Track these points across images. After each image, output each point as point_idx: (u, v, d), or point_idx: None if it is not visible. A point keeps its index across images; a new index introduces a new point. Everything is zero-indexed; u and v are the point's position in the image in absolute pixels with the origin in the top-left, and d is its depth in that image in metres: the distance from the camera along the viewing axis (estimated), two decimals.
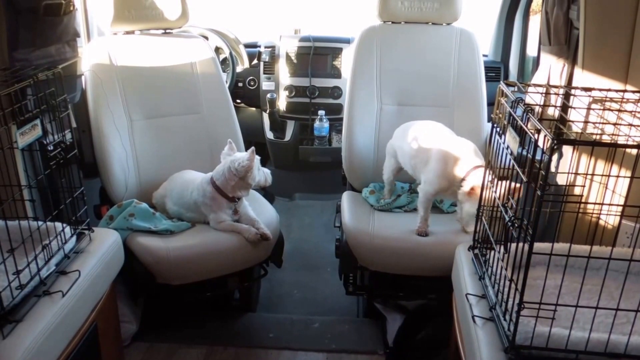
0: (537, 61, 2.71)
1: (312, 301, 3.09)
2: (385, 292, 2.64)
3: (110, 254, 2.02)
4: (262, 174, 2.47)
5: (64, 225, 1.90)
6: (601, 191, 1.98)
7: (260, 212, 2.55)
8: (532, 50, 3.47)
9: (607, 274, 1.52)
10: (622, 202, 1.87)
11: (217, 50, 3.62)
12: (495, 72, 3.61)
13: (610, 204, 1.85)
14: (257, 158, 2.42)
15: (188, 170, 2.66)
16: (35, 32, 2.21)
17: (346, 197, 2.71)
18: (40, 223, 1.83)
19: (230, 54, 3.63)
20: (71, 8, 2.38)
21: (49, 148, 1.89)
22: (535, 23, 2.90)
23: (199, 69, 2.88)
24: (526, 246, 1.38)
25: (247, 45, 3.84)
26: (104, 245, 2.01)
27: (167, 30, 2.91)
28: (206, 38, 3.40)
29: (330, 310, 2.98)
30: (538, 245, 1.43)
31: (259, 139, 3.86)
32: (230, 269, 2.42)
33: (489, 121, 2.78)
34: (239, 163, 2.36)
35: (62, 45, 2.39)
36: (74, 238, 1.94)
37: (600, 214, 1.93)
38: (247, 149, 2.53)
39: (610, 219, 1.94)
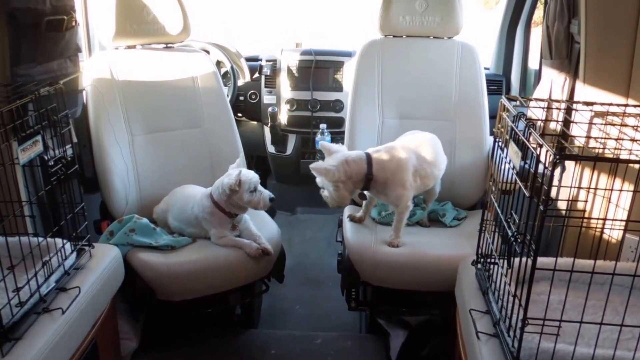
0: (538, 74, 2.71)
1: (315, 317, 3.07)
2: (388, 308, 2.62)
3: (110, 270, 2.00)
4: (258, 196, 2.38)
5: (64, 241, 1.90)
6: (604, 205, 1.97)
7: (262, 227, 2.54)
8: (533, 63, 3.47)
9: (612, 288, 1.50)
10: (625, 216, 1.87)
11: (219, 64, 3.62)
12: (497, 85, 3.61)
13: (613, 219, 1.84)
14: (254, 179, 2.38)
15: (189, 184, 2.65)
16: (38, 48, 2.22)
17: (348, 211, 2.70)
18: (40, 239, 1.82)
19: (232, 67, 3.64)
20: (73, 23, 2.38)
21: (50, 163, 1.89)
22: (537, 35, 2.91)
23: (200, 83, 2.88)
24: (529, 261, 1.37)
25: (248, 59, 3.84)
26: (104, 261, 2.00)
27: (169, 45, 2.91)
28: (207, 52, 3.41)
29: (332, 326, 2.96)
30: (541, 260, 1.43)
31: (260, 153, 3.85)
32: (231, 284, 2.41)
33: (491, 134, 2.77)
34: (227, 182, 2.35)
35: (64, 60, 2.39)
36: (74, 254, 1.93)
37: (603, 228, 1.92)
38: (248, 163, 2.52)
39: (614, 233, 1.93)
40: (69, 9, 2.35)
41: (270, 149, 3.78)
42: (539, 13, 3.46)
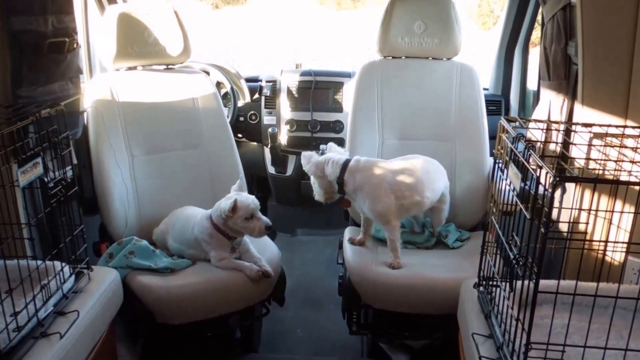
0: (537, 95, 2.72)
1: (316, 340, 3.03)
2: (390, 331, 2.59)
3: (109, 294, 1.99)
4: (253, 224, 2.35)
5: (63, 264, 1.89)
6: (606, 226, 1.96)
7: (262, 249, 2.52)
8: (532, 83, 3.49)
9: (615, 311, 1.49)
10: (627, 237, 1.86)
11: (219, 85, 3.64)
12: (496, 105, 3.63)
13: (615, 242, 1.84)
14: (251, 206, 2.35)
15: (189, 206, 2.65)
16: (39, 70, 2.23)
17: (348, 233, 2.69)
18: (39, 262, 1.81)
19: (232, 88, 3.65)
20: (74, 45, 2.40)
21: (50, 185, 1.88)
22: (535, 55, 2.93)
23: (201, 104, 2.89)
24: (532, 284, 1.36)
25: (248, 80, 3.86)
26: (103, 284, 1.98)
27: (169, 66, 2.93)
28: (208, 73, 3.42)
29: (334, 350, 2.93)
30: (544, 283, 1.42)
31: (260, 174, 3.85)
32: (231, 307, 2.38)
33: (491, 155, 2.77)
34: (222, 207, 2.34)
35: (65, 82, 2.40)
36: (73, 277, 1.92)
37: (605, 250, 1.91)
38: (249, 183, 2.51)
39: (616, 255, 1.92)
40: (71, 31, 2.36)
41: (271, 169, 3.79)
42: (537, 33, 3.49)
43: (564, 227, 1.92)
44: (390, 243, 2.43)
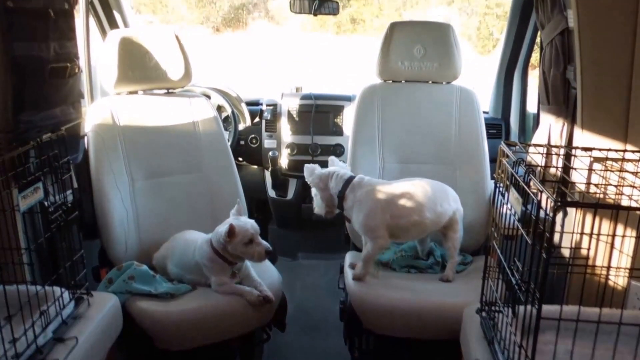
0: (537, 119, 2.73)
1: None
2: (392, 358, 2.56)
3: (108, 319, 1.98)
4: (252, 249, 2.34)
5: (63, 289, 1.87)
6: (608, 251, 1.95)
7: (262, 273, 2.51)
8: (532, 106, 3.51)
9: (619, 337, 1.47)
10: (629, 261, 1.85)
11: (219, 108, 3.66)
12: (496, 129, 3.64)
13: (617, 268, 1.83)
14: (250, 231, 2.33)
15: (189, 230, 2.64)
16: (41, 95, 2.24)
17: (349, 257, 2.67)
18: (38, 288, 1.80)
19: (232, 112, 3.67)
20: (76, 70, 2.41)
21: (50, 210, 1.88)
22: (535, 77, 2.95)
23: (201, 128, 2.90)
24: (534, 310, 1.35)
25: (249, 104, 3.88)
26: (103, 310, 1.97)
27: (170, 90, 2.94)
28: (208, 97, 3.45)
29: None
30: (547, 308, 1.40)
31: (261, 197, 3.85)
32: (231, 333, 2.36)
33: (492, 179, 2.78)
34: (220, 232, 2.34)
35: (67, 106, 2.41)
36: (72, 303, 1.91)
37: (608, 275, 1.90)
38: (249, 207, 2.51)
39: (619, 279, 1.91)
40: (72, 56, 2.38)
41: (271, 193, 3.78)
42: (536, 55, 3.51)
43: (565, 251, 1.91)
44: (364, 253, 2.45)
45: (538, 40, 3.31)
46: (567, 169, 1.84)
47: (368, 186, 2.46)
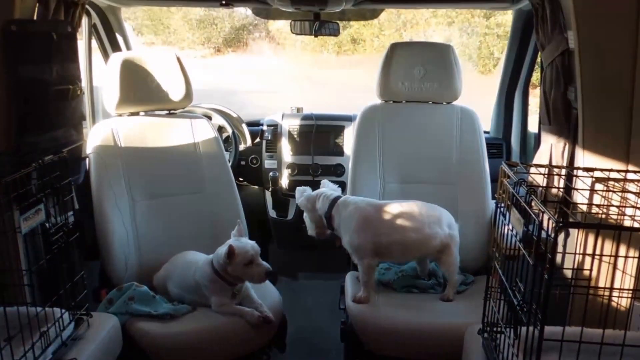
0: (538, 138, 2.74)
1: None
2: None
3: (108, 341, 1.97)
4: (252, 270, 2.33)
5: (63, 311, 1.86)
6: (611, 271, 1.94)
7: (263, 294, 2.50)
8: (533, 126, 3.51)
9: (622, 359, 1.46)
10: (632, 282, 1.84)
11: (220, 129, 3.67)
12: (497, 148, 3.64)
13: (620, 289, 1.82)
14: (250, 253, 2.32)
15: (190, 251, 2.63)
16: (43, 117, 2.25)
17: (350, 278, 2.66)
18: (39, 309, 1.79)
19: (233, 132, 3.68)
20: (78, 93, 2.43)
21: (51, 231, 1.88)
22: (536, 96, 2.96)
23: (202, 149, 2.91)
24: (537, 331, 1.34)
25: (249, 124, 3.89)
26: (103, 331, 1.96)
27: (172, 111, 2.96)
28: (209, 117, 3.46)
29: None
30: (549, 330, 1.39)
31: (261, 217, 3.84)
32: (231, 354, 2.34)
33: (493, 199, 2.77)
34: (220, 253, 2.33)
35: (69, 128, 2.42)
36: (72, 324, 1.90)
37: (611, 296, 1.89)
38: (250, 227, 2.51)
39: (622, 300, 1.89)
40: (75, 78, 2.40)
41: (272, 213, 3.77)
42: (537, 75, 3.53)
43: (568, 271, 1.91)
44: (361, 277, 2.46)
45: (539, 59, 3.33)
46: (568, 189, 1.84)
47: (352, 205, 2.51)
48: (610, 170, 1.79)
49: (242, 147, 3.78)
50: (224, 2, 3.14)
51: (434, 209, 2.53)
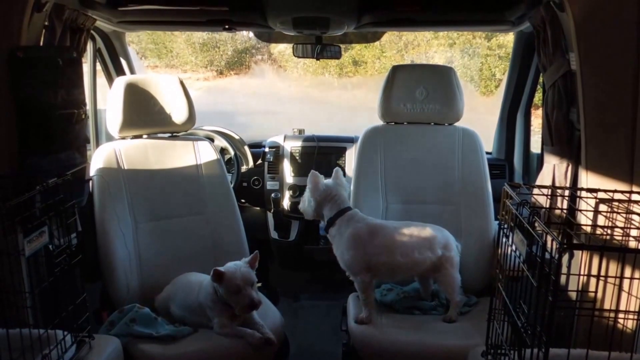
0: (541, 159, 2.74)
1: None
2: None
3: None
4: (236, 300, 2.30)
5: (65, 333, 1.86)
6: (616, 293, 1.93)
7: (264, 315, 2.48)
8: (535, 147, 3.52)
9: None
10: (638, 304, 1.82)
11: (223, 151, 3.68)
12: (499, 169, 3.64)
13: (626, 311, 1.80)
14: (237, 281, 2.29)
15: (192, 272, 2.63)
16: (48, 140, 2.26)
17: (352, 299, 2.65)
18: (41, 331, 1.79)
19: (235, 154, 3.69)
20: (83, 116, 2.45)
21: (54, 253, 1.88)
22: (538, 117, 2.97)
23: (204, 171, 2.92)
24: (541, 353, 1.33)
25: (251, 146, 3.90)
26: (104, 353, 1.95)
27: (174, 134, 2.98)
28: (212, 140, 3.48)
29: None
30: (554, 352, 1.39)
31: (263, 238, 3.83)
32: None
33: (496, 219, 2.77)
34: (206, 291, 2.35)
35: (73, 151, 2.43)
36: (74, 346, 1.89)
37: (616, 318, 1.87)
38: (251, 249, 2.51)
39: (628, 322, 1.88)
40: (80, 102, 2.42)
41: (274, 234, 3.77)
42: (539, 95, 3.54)
43: (572, 293, 1.89)
44: (360, 296, 2.47)
45: (540, 80, 3.35)
46: (572, 210, 1.83)
47: (353, 222, 2.52)
48: (614, 191, 1.78)
49: (244, 168, 3.79)
50: (227, 26, 3.17)
51: (428, 231, 2.52)
